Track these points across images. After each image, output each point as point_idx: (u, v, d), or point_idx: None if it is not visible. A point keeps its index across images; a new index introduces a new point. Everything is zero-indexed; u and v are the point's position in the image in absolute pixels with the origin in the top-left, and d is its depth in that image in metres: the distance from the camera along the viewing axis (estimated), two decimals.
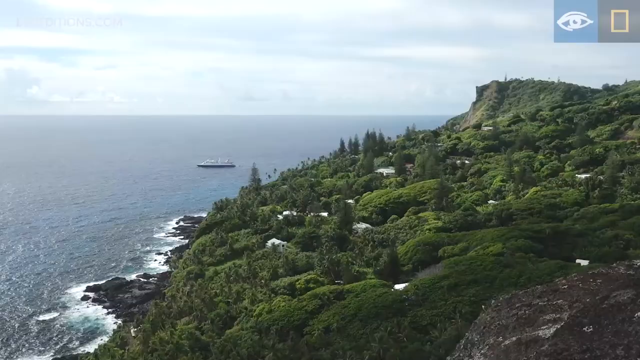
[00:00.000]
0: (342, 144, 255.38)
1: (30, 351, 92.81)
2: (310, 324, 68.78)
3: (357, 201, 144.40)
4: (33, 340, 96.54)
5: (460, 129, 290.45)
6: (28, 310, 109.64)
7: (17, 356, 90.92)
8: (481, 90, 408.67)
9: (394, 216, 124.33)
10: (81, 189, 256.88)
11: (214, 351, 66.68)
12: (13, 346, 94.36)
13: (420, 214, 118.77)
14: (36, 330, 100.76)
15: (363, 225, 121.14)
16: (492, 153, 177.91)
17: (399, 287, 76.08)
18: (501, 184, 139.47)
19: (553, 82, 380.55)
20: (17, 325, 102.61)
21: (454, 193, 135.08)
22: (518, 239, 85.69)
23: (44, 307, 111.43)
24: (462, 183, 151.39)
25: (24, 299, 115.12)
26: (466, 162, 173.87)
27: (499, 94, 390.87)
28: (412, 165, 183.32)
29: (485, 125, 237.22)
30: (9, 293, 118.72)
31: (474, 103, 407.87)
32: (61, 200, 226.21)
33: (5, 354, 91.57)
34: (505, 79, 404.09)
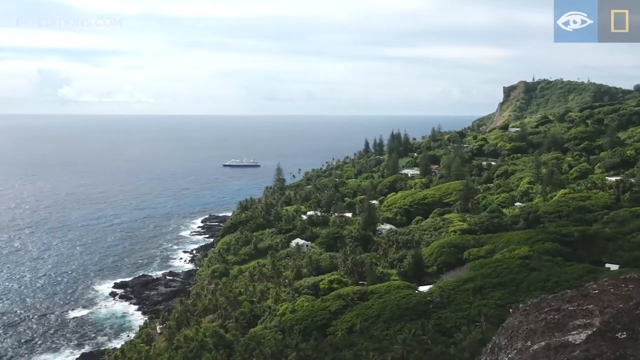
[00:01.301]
0: (367, 144, 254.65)
1: (60, 345, 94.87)
2: (334, 324, 68.76)
3: (381, 202, 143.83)
4: (62, 335, 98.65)
5: (487, 130, 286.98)
6: (59, 305, 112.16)
7: (46, 350, 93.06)
8: (508, 91, 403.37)
9: (418, 217, 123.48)
10: (111, 188, 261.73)
11: (237, 349, 67.15)
12: (43, 340, 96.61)
13: (446, 216, 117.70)
14: (66, 324, 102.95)
15: (387, 226, 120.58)
16: (519, 155, 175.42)
17: (423, 289, 75.53)
18: (528, 186, 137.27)
19: (582, 83, 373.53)
20: (48, 319, 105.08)
21: (479, 195, 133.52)
22: (545, 242, 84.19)
23: (73, 302, 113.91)
24: (488, 185, 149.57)
25: (55, 294, 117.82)
26: (492, 163, 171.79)
27: (526, 94, 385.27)
28: (437, 166, 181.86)
29: (513, 127, 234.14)
30: (41, 288, 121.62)
31: (501, 104, 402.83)
32: (91, 199, 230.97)
33: (35, 347, 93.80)
34: (533, 80, 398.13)
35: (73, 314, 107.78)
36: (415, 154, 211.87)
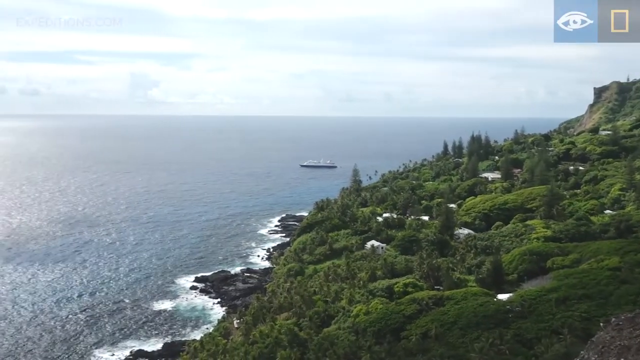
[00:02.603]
0: (446, 146, 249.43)
1: (144, 334, 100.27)
2: (408, 328, 67.84)
3: (459, 206, 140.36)
4: (147, 324, 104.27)
5: (575, 133, 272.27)
6: (145, 296, 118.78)
7: (131, 337, 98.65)
8: (599, 92, 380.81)
9: (498, 223, 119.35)
10: (196, 186, 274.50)
11: (311, 348, 67.85)
12: (129, 328, 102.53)
13: (528, 222, 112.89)
14: (150, 315, 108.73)
15: (465, 231, 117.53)
16: (610, 159, 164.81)
17: (502, 297, 72.90)
18: (620, 192, 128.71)
19: None
20: (134, 309, 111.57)
21: (565, 201, 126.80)
22: (638, 253, 78.72)
23: (158, 294, 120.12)
24: (575, 191, 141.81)
25: (140, 286, 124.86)
26: (580, 168, 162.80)
27: (619, 95, 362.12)
28: (519, 170, 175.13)
29: (604, 129, 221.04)
30: (131, 279, 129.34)
31: (591, 105, 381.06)
32: (179, 196, 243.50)
33: (122, 334, 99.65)
34: (628, 80, 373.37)
35: (157, 305, 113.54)
36: (497, 157, 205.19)
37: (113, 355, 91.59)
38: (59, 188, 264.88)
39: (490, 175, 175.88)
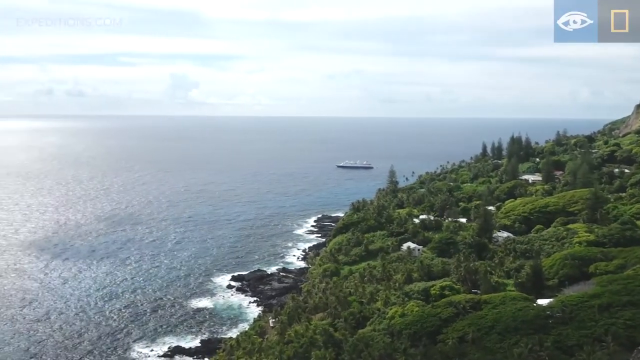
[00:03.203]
0: (484, 147, 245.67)
1: (182, 330, 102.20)
2: (444, 331, 67.08)
3: (498, 208, 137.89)
4: (185, 321, 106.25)
5: (620, 135, 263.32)
6: (183, 293, 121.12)
7: (170, 333, 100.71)
8: None
9: (539, 226, 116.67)
10: (236, 186, 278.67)
11: (346, 349, 67.83)
12: (168, 324, 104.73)
13: (570, 226, 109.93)
14: (188, 312, 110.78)
15: (504, 234, 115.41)
16: None
17: (542, 302, 71.25)
18: None
19: None
20: (173, 306, 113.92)
21: (609, 205, 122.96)
22: None
23: (195, 292, 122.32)
24: (620, 194, 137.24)
25: (179, 283, 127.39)
26: (626, 171, 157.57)
27: None
28: (561, 172, 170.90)
29: None
30: (171, 277, 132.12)
31: (638, 106, 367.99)
32: (218, 196, 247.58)
33: (161, 329, 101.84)
34: None
35: (195, 303, 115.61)
36: (537, 159, 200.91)
37: (152, 350, 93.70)
38: (104, 187, 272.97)
39: (530, 178, 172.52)
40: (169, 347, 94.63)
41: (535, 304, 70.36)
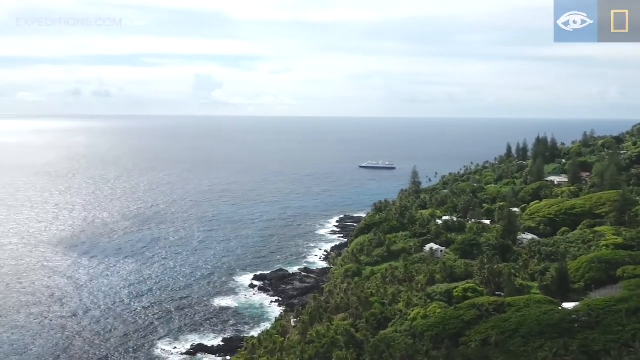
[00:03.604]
0: (509, 148, 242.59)
1: (205, 328, 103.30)
2: (467, 334, 66.44)
3: (523, 210, 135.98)
4: (208, 319, 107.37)
5: None
6: (206, 292, 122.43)
7: (193, 331, 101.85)
8: None
9: (564, 228, 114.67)
10: (257, 186, 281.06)
11: (367, 350, 67.71)
12: (191, 322, 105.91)
13: (596, 228, 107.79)
14: (211, 310, 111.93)
15: (529, 236, 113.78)
16: None
17: (567, 305, 70.08)
18: None
19: None
20: (196, 304, 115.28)
21: (638, 207, 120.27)
22: None
23: (218, 291, 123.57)
24: None
25: (203, 282, 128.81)
26: None
27: None
28: (588, 174, 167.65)
29: None
30: (193, 276, 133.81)
31: None
32: (242, 196, 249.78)
33: (185, 327, 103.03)
34: None
35: (217, 301, 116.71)
36: (564, 160, 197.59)
37: (175, 348, 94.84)
38: (130, 186, 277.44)
39: (556, 179, 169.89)
40: (191, 345, 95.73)
41: (560, 308, 69.24)
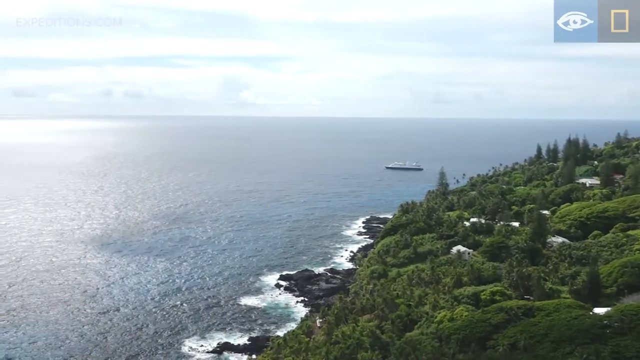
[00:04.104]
0: (539, 150, 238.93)
1: (232, 327, 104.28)
2: (495, 338, 65.55)
3: (553, 212, 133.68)
4: (234, 318, 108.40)
5: None
6: (233, 291, 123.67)
7: (221, 330, 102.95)
8: None
9: (596, 232, 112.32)
10: (284, 186, 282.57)
11: (393, 352, 67.42)
12: (218, 320, 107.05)
13: (630, 232, 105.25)
14: (237, 310, 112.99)
15: (559, 239, 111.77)
16: None
17: (598, 310, 68.57)
18: None
19: None
20: (223, 303, 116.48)
21: None
22: None
23: (245, 290, 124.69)
24: None
25: (231, 281, 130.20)
26: None
27: None
28: (621, 176, 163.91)
29: None
30: (222, 275, 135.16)
31: None
32: (269, 196, 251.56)
33: (212, 325, 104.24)
34: None
35: (244, 300, 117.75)
36: (596, 162, 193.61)
37: (202, 346, 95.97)
38: (160, 185, 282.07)
39: (588, 181, 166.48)
40: (218, 343, 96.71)
41: (591, 313, 67.82)
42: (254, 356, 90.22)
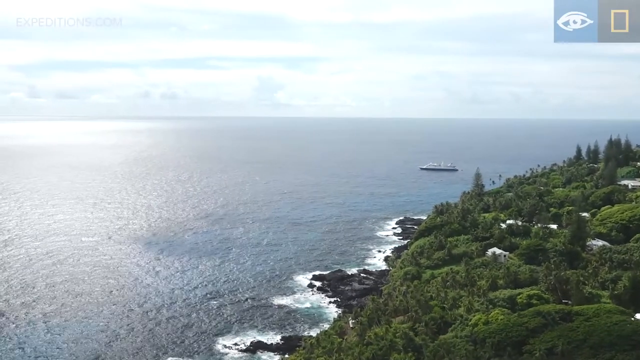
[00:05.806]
0: (579, 150, 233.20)
1: (265, 326, 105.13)
2: (531, 342, 64.23)
3: (593, 215, 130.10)
4: (267, 318, 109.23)
5: None
6: (267, 290, 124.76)
7: (253, 328, 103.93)
8: None
9: (639, 235, 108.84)
10: (321, 187, 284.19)
11: (426, 354, 66.78)
12: (251, 319, 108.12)
13: None
14: (270, 309, 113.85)
15: (599, 242, 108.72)
16: None
17: None
18: None
19: None
20: (257, 302, 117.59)
21: None
22: None
23: (279, 290, 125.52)
24: None
25: (265, 281, 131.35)
26: None
27: None
28: None
29: None
30: (256, 274, 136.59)
31: None
32: (305, 197, 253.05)
33: (245, 324, 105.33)
34: None
35: (277, 300, 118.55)
36: (638, 164, 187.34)
37: (235, 344, 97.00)
38: (201, 186, 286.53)
39: (630, 183, 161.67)
40: (251, 342, 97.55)
41: (633, 319, 65.78)
42: (286, 355, 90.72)
